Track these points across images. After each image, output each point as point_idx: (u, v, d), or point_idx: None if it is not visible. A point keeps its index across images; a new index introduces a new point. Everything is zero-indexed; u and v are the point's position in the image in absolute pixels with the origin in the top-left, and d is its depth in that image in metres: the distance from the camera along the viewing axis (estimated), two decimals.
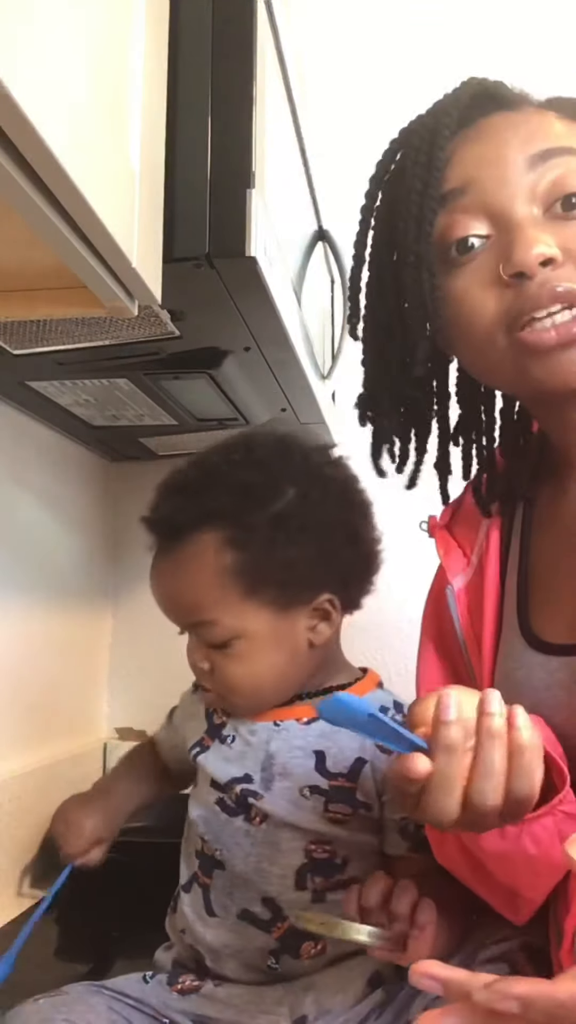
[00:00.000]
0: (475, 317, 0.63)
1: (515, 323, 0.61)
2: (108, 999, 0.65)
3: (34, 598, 1.20)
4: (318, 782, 0.70)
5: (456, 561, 0.77)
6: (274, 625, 0.69)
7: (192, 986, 0.69)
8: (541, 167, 0.61)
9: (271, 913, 0.69)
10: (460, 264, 0.63)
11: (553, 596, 0.71)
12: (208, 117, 0.69)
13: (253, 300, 0.76)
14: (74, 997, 0.65)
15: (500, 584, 0.75)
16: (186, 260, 0.68)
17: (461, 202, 0.62)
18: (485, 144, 0.63)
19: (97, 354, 0.86)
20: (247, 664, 0.69)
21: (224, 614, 0.69)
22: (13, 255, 0.63)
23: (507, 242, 0.60)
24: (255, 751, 0.72)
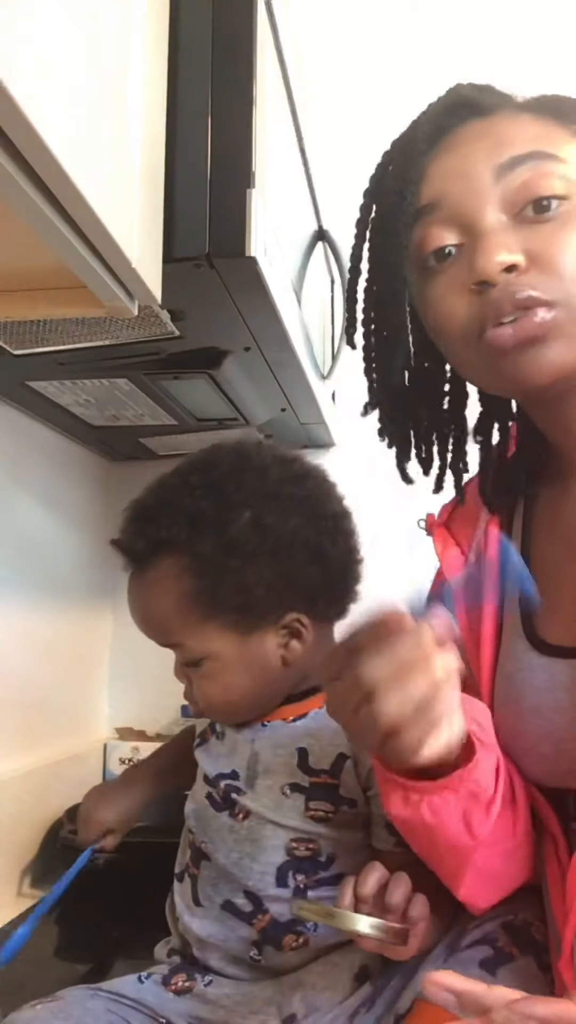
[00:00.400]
0: (449, 323, 0.65)
1: (483, 329, 0.62)
2: (105, 1001, 0.65)
3: (34, 598, 1.20)
4: (299, 779, 0.70)
5: (454, 559, 0.77)
6: (239, 647, 0.69)
7: (185, 986, 0.69)
8: (508, 175, 0.62)
9: (252, 905, 0.70)
10: (437, 272, 0.65)
11: (555, 597, 0.71)
12: (208, 117, 0.69)
13: (253, 300, 0.76)
14: (70, 1001, 0.64)
15: (500, 583, 0.74)
16: (186, 260, 0.68)
17: (435, 216, 0.64)
18: (454, 158, 0.65)
19: (97, 354, 0.86)
20: (218, 683, 0.70)
21: (188, 638, 0.69)
22: (13, 255, 0.63)
23: (473, 249, 0.62)
24: (241, 749, 0.73)
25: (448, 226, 0.64)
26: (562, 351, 0.62)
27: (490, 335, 0.62)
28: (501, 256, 0.60)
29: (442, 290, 0.65)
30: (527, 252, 0.61)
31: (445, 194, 0.64)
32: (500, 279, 0.60)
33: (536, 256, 0.61)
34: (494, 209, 0.62)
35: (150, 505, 0.71)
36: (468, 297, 0.63)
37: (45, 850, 1.11)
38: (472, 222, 0.63)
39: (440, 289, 0.65)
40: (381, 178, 0.71)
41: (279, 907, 0.69)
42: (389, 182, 0.68)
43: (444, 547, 0.77)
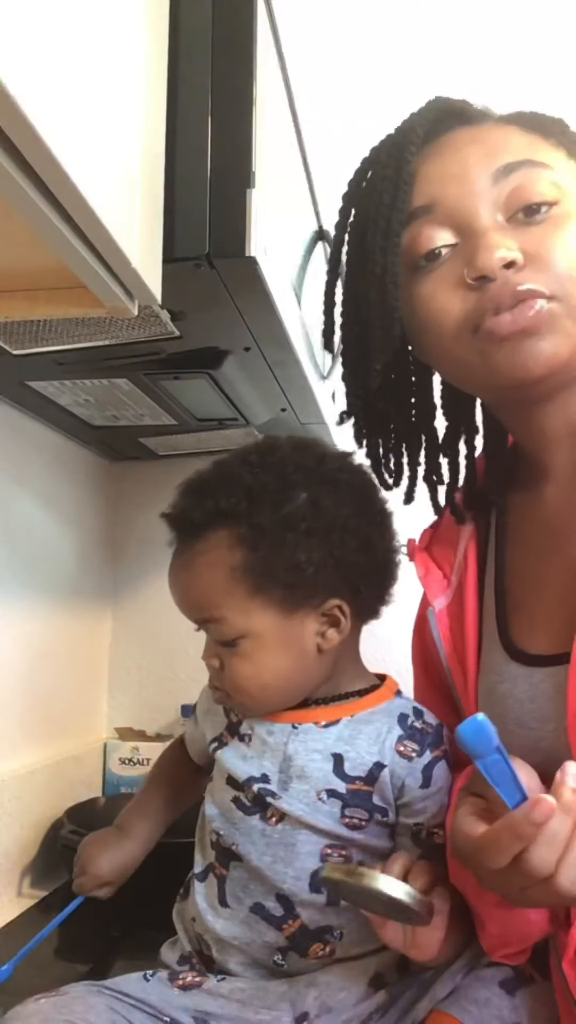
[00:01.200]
0: (443, 316, 0.66)
1: (480, 323, 0.64)
2: (108, 999, 0.65)
3: (34, 598, 1.20)
4: (336, 785, 0.69)
5: (436, 582, 0.78)
6: (280, 626, 0.69)
7: (194, 981, 0.68)
8: (503, 181, 0.64)
9: (283, 910, 0.69)
10: (428, 271, 0.66)
11: (531, 606, 0.72)
12: (208, 117, 0.69)
13: (253, 300, 0.76)
14: (74, 997, 0.64)
15: (479, 600, 0.76)
16: (186, 260, 0.68)
17: (428, 217, 0.66)
18: (450, 161, 0.66)
19: (97, 354, 0.86)
20: (253, 663, 0.70)
21: (231, 612, 0.69)
22: (13, 255, 0.63)
23: (471, 248, 0.64)
24: (273, 751, 0.71)
25: (443, 227, 0.65)
26: (556, 343, 0.63)
27: (489, 323, 0.63)
28: (501, 252, 0.62)
29: (432, 288, 0.66)
30: (523, 251, 0.63)
31: (441, 196, 0.66)
32: (500, 275, 0.62)
33: (532, 255, 0.63)
34: (489, 210, 0.64)
35: (208, 479, 0.72)
36: (463, 293, 0.65)
37: (45, 850, 1.11)
38: (470, 222, 0.64)
39: (430, 287, 0.66)
40: (363, 183, 0.72)
41: (310, 913, 0.68)
42: (376, 184, 0.69)
43: (426, 572, 0.79)
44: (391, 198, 0.66)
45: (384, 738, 0.70)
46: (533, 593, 0.72)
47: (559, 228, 0.64)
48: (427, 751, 0.70)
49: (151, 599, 1.47)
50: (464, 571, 0.77)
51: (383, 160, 0.69)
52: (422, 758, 0.70)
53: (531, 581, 0.73)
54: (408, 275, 0.68)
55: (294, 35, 0.93)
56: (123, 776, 1.34)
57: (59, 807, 1.14)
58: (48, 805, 1.14)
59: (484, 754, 0.53)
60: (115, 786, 1.33)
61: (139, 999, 0.66)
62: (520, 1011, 0.61)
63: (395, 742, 0.70)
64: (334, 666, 0.73)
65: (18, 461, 1.16)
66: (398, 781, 0.69)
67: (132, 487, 1.47)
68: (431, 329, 0.68)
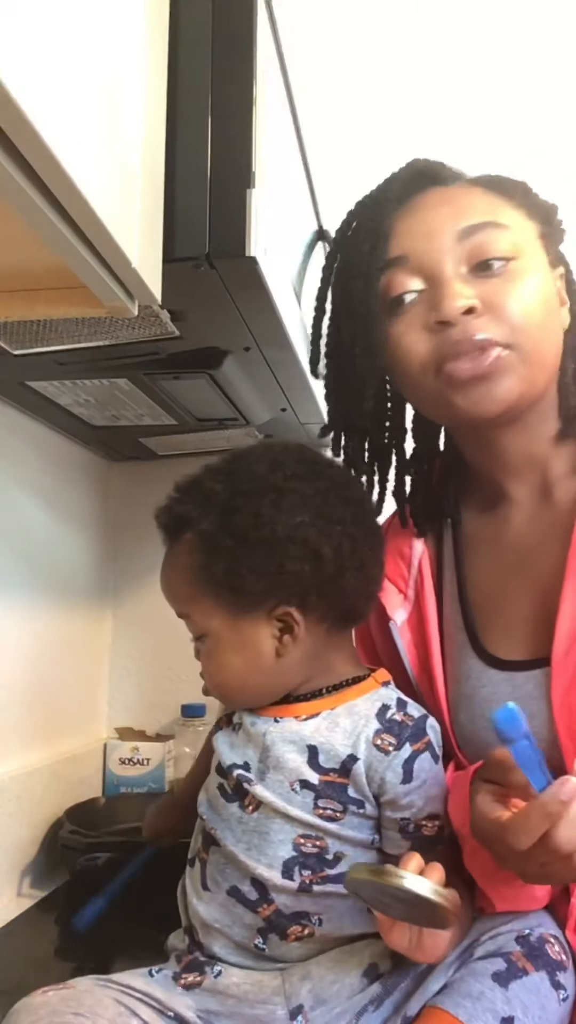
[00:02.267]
0: (410, 355, 0.75)
1: (442, 362, 0.73)
2: (115, 992, 0.66)
3: (34, 598, 1.20)
4: (308, 776, 0.70)
5: (392, 596, 0.84)
6: (233, 628, 0.72)
7: (195, 981, 0.69)
8: (467, 239, 0.73)
9: (258, 894, 0.70)
10: (400, 313, 0.75)
11: (503, 616, 0.79)
12: (208, 117, 0.69)
13: (253, 300, 0.77)
14: (82, 990, 0.65)
15: (439, 612, 0.83)
16: (186, 260, 0.68)
17: (402, 267, 0.75)
18: (421, 219, 0.76)
19: (97, 354, 0.86)
20: (213, 661, 0.74)
21: (192, 610, 0.74)
22: (13, 255, 0.63)
23: (437, 296, 0.73)
24: (254, 742, 0.73)
25: (413, 275, 0.75)
26: (509, 386, 0.72)
27: (449, 368, 0.72)
28: (461, 301, 0.71)
29: (403, 328, 0.75)
30: (482, 299, 0.72)
31: (412, 249, 0.75)
32: (460, 320, 0.71)
33: (489, 303, 0.72)
34: (453, 263, 0.73)
35: (181, 485, 0.77)
36: (428, 335, 0.74)
37: (45, 850, 1.11)
38: (436, 273, 0.73)
39: (402, 327, 0.75)
40: (348, 232, 0.81)
41: (284, 898, 0.69)
42: (359, 235, 0.78)
43: (383, 589, 0.83)
44: (371, 247, 0.76)
45: (360, 731, 0.70)
46: (501, 606, 0.79)
47: (514, 281, 0.73)
48: (406, 744, 0.70)
49: (151, 599, 1.46)
50: (420, 586, 0.84)
51: (366, 214, 0.79)
52: (400, 752, 0.70)
53: (497, 595, 0.80)
54: (384, 315, 0.76)
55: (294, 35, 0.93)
56: (123, 776, 1.33)
57: (59, 807, 1.14)
58: (48, 805, 1.14)
59: (515, 739, 0.56)
60: (115, 786, 1.33)
61: (145, 992, 0.67)
62: (513, 1003, 0.61)
63: (372, 735, 0.70)
64: (312, 667, 0.74)
65: (18, 461, 1.16)
66: (376, 776, 0.70)
67: (132, 487, 1.47)
68: (400, 365, 0.76)
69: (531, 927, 0.66)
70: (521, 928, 0.66)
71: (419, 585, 0.84)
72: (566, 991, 0.64)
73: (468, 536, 0.85)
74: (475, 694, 0.78)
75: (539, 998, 0.62)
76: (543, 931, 0.66)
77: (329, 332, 0.84)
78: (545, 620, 0.74)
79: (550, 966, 0.64)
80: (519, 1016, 0.61)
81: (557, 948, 0.65)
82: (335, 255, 0.83)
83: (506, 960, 0.64)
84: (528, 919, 0.67)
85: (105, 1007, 0.63)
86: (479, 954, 0.65)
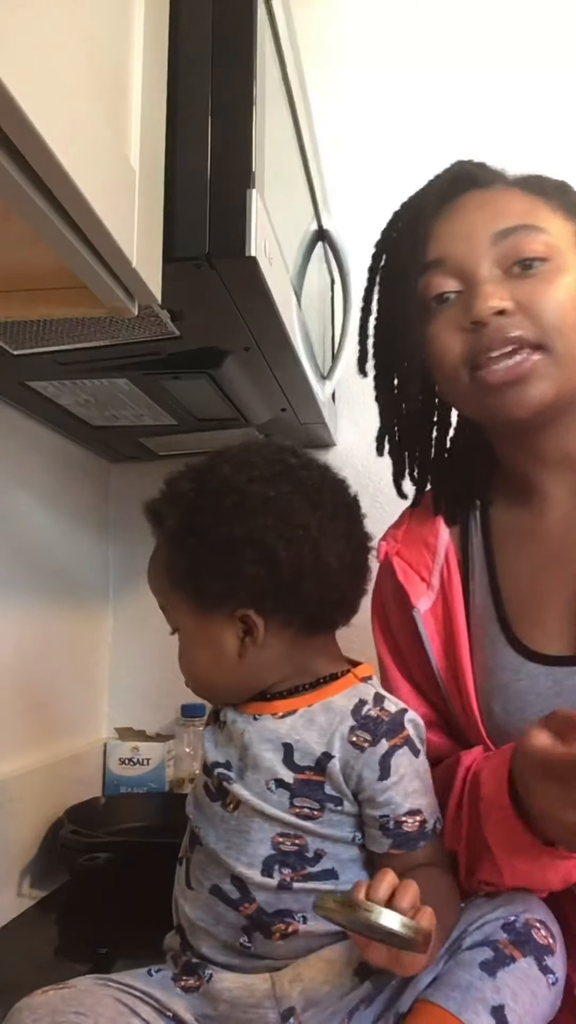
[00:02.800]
0: (445, 355, 0.77)
1: (475, 362, 0.75)
2: (115, 991, 0.66)
3: (34, 598, 1.20)
4: (283, 775, 0.70)
5: (416, 585, 0.85)
6: (199, 625, 0.73)
7: (193, 985, 0.70)
8: (502, 242, 0.75)
9: (239, 892, 0.70)
10: (437, 314, 0.78)
11: (538, 611, 0.80)
12: (208, 117, 0.69)
13: (253, 300, 0.77)
14: (82, 989, 0.65)
15: (465, 603, 0.83)
16: (186, 260, 0.68)
17: (439, 269, 0.77)
18: (458, 223, 0.78)
19: (97, 354, 0.86)
20: (185, 654, 0.75)
21: (166, 601, 0.76)
22: (13, 255, 0.63)
23: (471, 297, 0.75)
24: (235, 740, 0.73)
25: (450, 277, 0.77)
26: (542, 389, 0.74)
27: (483, 373, 0.74)
28: (493, 302, 0.73)
29: (440, 328, 0.77)
30: (515, 301, 0.73)
31: (450, 252, 0.77)
32: (492, 321, 0.73)
33: (522, 304, 0.73)
34: (489, 266, 0.75)
35: (166, 480, 0.78)
36: (463, 335, 0.76)
37: (45, 850, 1.11)
38: (471, 274, 0.75)
39: (439, 327, 0.77)
40: (393, 233, 0.84)
41: (265, 896, 0.69)
42: (402, 237, 0.82)
43: (406, 576, 0.85)
44: (411, 250, 0.79)
45: (335, 728, 0.69)
46: (537, 601, 0.80)
47: (548, 282, 0.74)
48: (381, 740, 0.69)
49: (151, 599, 1.45)
50: (447, 574, 0.84)
51: (408, 216, 0.82)
52: (376, 747, 0.69)
53: (533, 589, 0.81)
54: (423, 315, 0.79)
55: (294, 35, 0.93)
56: (123, 776, 1.33)
57: (59, 807, 1.14)
58: (48, 805, 1.14)
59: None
60: (115, 786, 1.33)
61: (144, 992, 0.67)
62: (503, 991, 0.61)
63: (347, 733, 0.69)
64: (285, 668, 0.73)
65: (18, 461, 1.16)
66: (352, 773, 0.69)
67: (132, 487, 1.47)
68: (437, 364, 0.79)
69: (516, 913, 0.66)
70: (507, 915, 0.66)
71: (445, 575, 0.84)
72: (555, 975, 0.64)
73: (498, 528, 0.86)
74: (510, 685, 0.78)
75: (528, 984, 0.62)
76: (528, 916, 0.66)
77: (375, 331, 0.86)
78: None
79: (537, 951, 0.64)
80: (509, 1003, 0.61)
81: (544, 932, 0.65)
82: (380, 255, 0.85)
83: (493, 948, 0.64)
84: (514, 905, 0.67)
85: (106, 1006, 0.63)
86: (467, 944, 0.65)
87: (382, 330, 0.85)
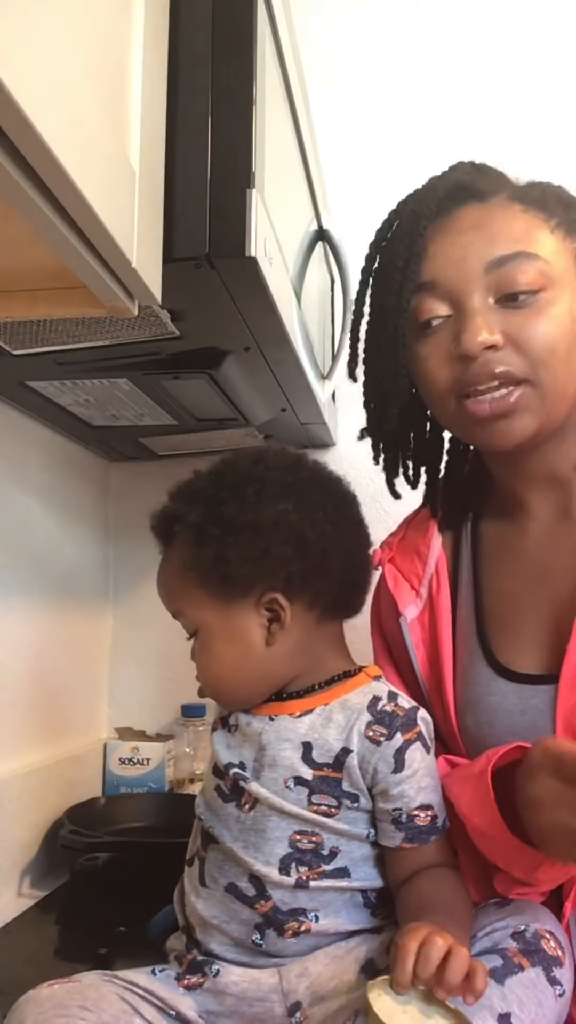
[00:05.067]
0: (433, 381, 0.77)
1: (462, 392, 0.75)
2: (119, 988, 0.66)
3: (34, 598, 1.20)
4: (302, 772, 0.71)
5: (406, 592, 0.86)
6: (224, 618, 0.74)
7: (197, 982, 0.70)
8: (496, 271, 0.73)
9: (255, 890, 0.70)
10: (426, 335, 0.77)
11: (515, 628, 0.80)
12: (208, 117, 0.69)
13: (253, 300, 0.77)
14: (87, 984, 0.65)
15: (452, 616, 0.84)
16: (186, 260, 0.68)
17: (430, 292, 0.76)
18: (452, 244, 0.76)
19: (97, 354, 0.86)
20: (207, 655, 0.75)
21: (184, 604, 0.75)
22: (13, 255, 0.63)
23: (461, 325, 0.74)
24: (250, 741, 0.74)
25: (441, 300, 0.76)
26: (527, 423, 0.74)
27: (469, 405, 0.74)
28: (483, 337, 0.72)
29: (428, 352, 0.77)
30: (505, 333, 0.73)
31: (442, 276, 0.76)
32: (480, 355, 0.73)
33: (512, 337, 0.73)
34: (480, 294, 0.74)
35: (173, 491, 0.78)
36: (451, 364, 0.75)
37: (45, 850, 1.11)
38: (462, 302, 0.74)
39: (427, 350, 0.77)
40: (388, 235, 0.82)
41: (281, 894, 0.70)
42: (395, 245, 0.79)
43: (395, 581, 0.86)
44: (404, 264, 0.77)
45: (352, 724, 0.71)
46: (515, 617, 0.80)
47: (539, 314, 0.73)
48: (396, 734, 0.71)
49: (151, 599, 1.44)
50: (436, 585, 0.85)
51: (404, 224, 0.79)
52: (391, 741, 0.70)
53: (513, 606, 0.81)
54: (413, 335, 0.78)
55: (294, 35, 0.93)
56: (123, 776, 1.34)
57: (59, 807, 1.14)
58: (48, 805, 1.14)
59: None
60: (115, 786, 1.33)
61: (148, 990, 0.67)
62: (510, 999, 0.61)
63: (364, 728, 0.71)
64: (302, 661, 0.75)
65: (18, 461, 1.16)
66: (368, 767, 0.70)
67: (132, 487, 1.47)
68: (425, 388, 0.79)
69: (526, 923, 0.66)
70: (517, 924, 0.66)
71: (434, 584, 0.85)
72: (562, 987, 0.64)
73: (486, 542, 0.86)
74: (481, 700, 0.79)
75: (535, 994, 0.62)
76: (538, 927, 0.66)
77: (367, 337, 0.85)
78: (557, 637, 0.75)
79: (546, 962, 0.64)
80: (515, 1012, 0.61)
81: (553, 944, 0.65)
82: (373, 258, 0.84)
83: (502, 956, 0.64)
84: (524, 915, 0.67)
85: (110, 1003, 0.64)
86: (475, 950, 0.65)
87: (373, 337, 0.84)
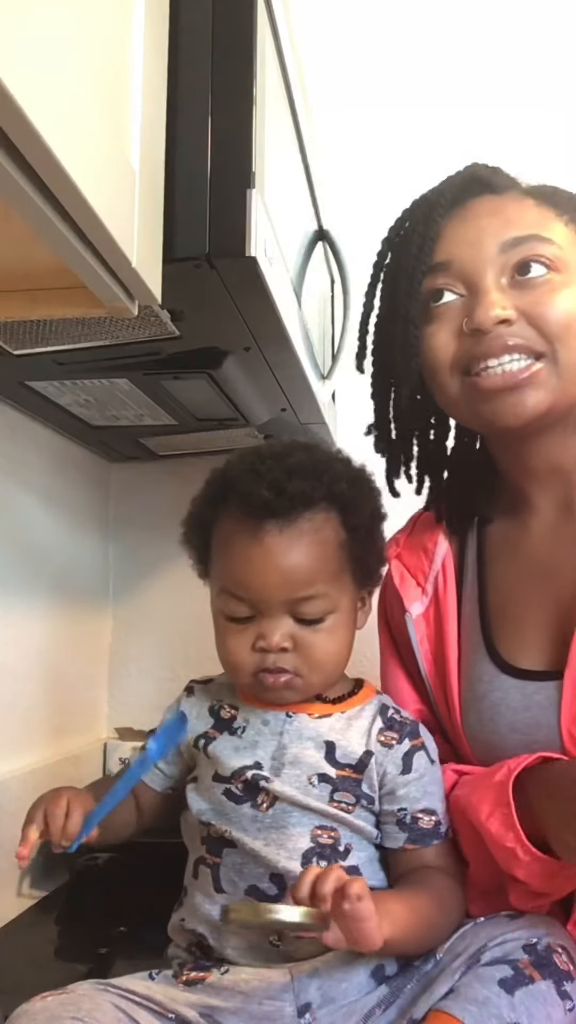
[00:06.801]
0: (438, 355, 0.77)
1: (469, 367, 0.75)
2: (114, 997, 0.66)
3: (34, 598, 1.20)
4: (327, 770, 0.73)
5: (411, 589, 0.86)
6: (353, 604, 0.77)
7: (198, 977, 0.69)
8: (511, 251, 0.75)
9: (278, 889, 0.71)
10: (438, 313, 0.77)
11: (519, 624, 0.81)
12: (208, 117, 0.69)
13: (253, 300, 0.76)
14: (81, 995, 0.65)
15: (457, 612, 0.84)
16: (186, 260, 0.68)
17: (444, 272, 0.77)
18: (468, 228, 0.77)
19: (97, 354, 0.86)
20: (336, 639, 0.74)
21: (332, 587, 0.73)
22: (13, 255, 0.63)
23: (474, 303, 0.75)
24: (267, 740, 0.75)
25: (455, 281, 0.76)
26: (539, 399, 0.74)
27: (478, 379, 0.74)
28: (496, 311, 0.73)
29: (436, 327, 0.77)
30: (518, 309, 0.73)
31: (457, 256, 0.77)
32: (493, 330, 0.73)
33: (526, 312, 0.73)
34: (495, 274, 0.75)
35: (311, 464, 0.75)
36: (459, 339, 0.76)
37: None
38: (476, 281, 0.75)
39: (435, 326, 0.77)
40: (400, 232, 0.83)
41: None
42: (410, 236, 0.80)
43: (402, 580, 0.87)
44: (418, 250, 0.78)
45: (370, 729, 0.75)
46: (519, 613, 0.81)
47: (553, 293, 0.74)
48: (405, 739, 0.75)
49: (151, 599, 1.47)
50: (441, 581, 0.85)
51: (418, 216, 0.80)
52: (401, 745, 0.75)
53: (516, 602, 0.81)
54: (424, 315, 0.78)
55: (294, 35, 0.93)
56: None
57: None
58: None
59: None
60: None
61: (144, 996, 0.67)
62: (519, 1010, 0.61)
63: (378, 732, 0.75)
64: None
65: (18, 461, 1.16)
66: (380, 768, 0.74)
67: (132, 487, 1.47)
68: (428, 365, 0.79)
69: (539, 936, 0.66)
70: (529, 936, 0.66)
71: (440, 582, 0.85)
72: (572, 1001, 0.63)
73: (491, 540, 0.87)
74: (485, 697, 0.79)
75: (545, 1007, 0.62)
76: (551, 940, 0.66)
77: (376, 328, 0.85)
78: (561, 633, 0.76)
79: (557, 975, 0.64)
80: (524, 1023, 0.61)
81: (565, 958, 0.65)
82: (386, 253, 0.85)
83: (513, 967, 0.64)
84: (536, 928, 0.68)
85: (104, 1012, 0.63)
86: (486, 960, 0.65)
87: (383, 327, 0.84)
